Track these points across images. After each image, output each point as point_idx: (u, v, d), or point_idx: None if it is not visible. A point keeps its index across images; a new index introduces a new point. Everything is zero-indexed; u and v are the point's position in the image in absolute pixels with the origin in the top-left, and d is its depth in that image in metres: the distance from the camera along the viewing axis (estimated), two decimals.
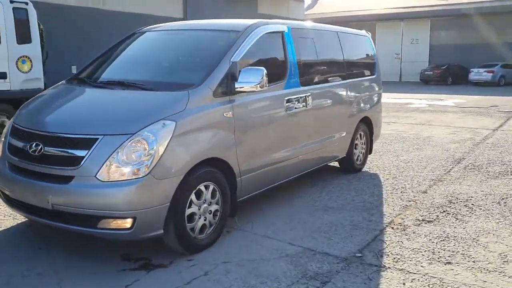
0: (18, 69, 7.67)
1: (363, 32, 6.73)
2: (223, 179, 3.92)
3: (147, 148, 3.30)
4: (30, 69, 7.83)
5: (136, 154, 3.29)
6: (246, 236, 4.13)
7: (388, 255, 3.76)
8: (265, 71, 3.95)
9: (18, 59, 7.67)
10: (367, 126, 6.51)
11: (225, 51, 4.07)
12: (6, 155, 3.77)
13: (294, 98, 4.72)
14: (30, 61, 7.84)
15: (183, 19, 15.66)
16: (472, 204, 5.02)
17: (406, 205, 5.00)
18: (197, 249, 3.71)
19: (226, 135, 3.89)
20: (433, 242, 4.02)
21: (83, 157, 3.30)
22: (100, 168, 3.25)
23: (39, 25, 8.14)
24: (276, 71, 4.65)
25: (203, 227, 3.76)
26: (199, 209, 3.69)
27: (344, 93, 5.77)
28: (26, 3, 7.83)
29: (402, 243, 4.00)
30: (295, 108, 4.74)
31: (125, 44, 4.87)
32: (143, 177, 3.26)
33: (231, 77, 3.92)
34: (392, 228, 4.36)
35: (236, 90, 3.94)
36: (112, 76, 4.31)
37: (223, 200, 3.93)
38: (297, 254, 3.76)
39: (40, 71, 7.99)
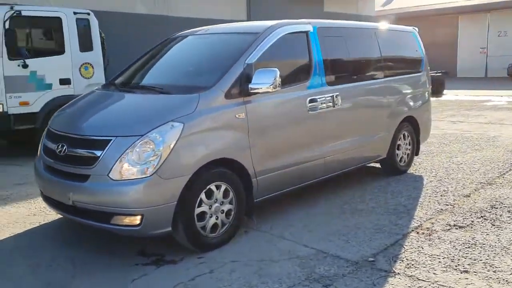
0: (81, 75, 8.26)
1: (408, 28, 6.45)
2: (237, 180, 3.98)
3: (154, 149, 3.46)
4: (92, 75, 8.40)
5: (144, 154, 3.45)
6: (262, 236, 4.15)
7: (402, 260, 3.61)
8: (278, 72, 3.96)
9: (81, 66, 8.26)
10: (413, 126, 6.23)
11: (240, 53, 4.13)
12: (42, 155, 4.12)
13: (319, 98, 4.66)
14: (92, 67, 8.41)
15: (247, 21, 15.88)
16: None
17: (442, 209, 4.73)
18: (208, 247, 3.80)
19: (239, 136, 3.94)
20: (456, 248, 3.78)
21: (98, 157, 3.53)
22: (112, 168, 3.45)
23: (100, 33, 8.71)
24: (298, 71, 4.64)
25: (215, 226, 3.84)
26: (210, 208, 3.78)
27: (381, 92, 5.58)
28: (88, 14, 8.41)
29: (422, 248, 3.81)
30: (320, 108, 4.67)
31: (157, 49, 5.09)
32: (149, 176, 3.42)
33: (246, 79, 3.97)
34: (417, 233, 4.16)
35: (250, 91, 3.98)
36: (138, 80, 4.55)
37: (237, 200, 3.99)
38: (308, 256, 3.73)
39: (101, 76, 8.54)
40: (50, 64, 7.95)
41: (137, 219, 3.45)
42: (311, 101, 4.59)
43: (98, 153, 3.55)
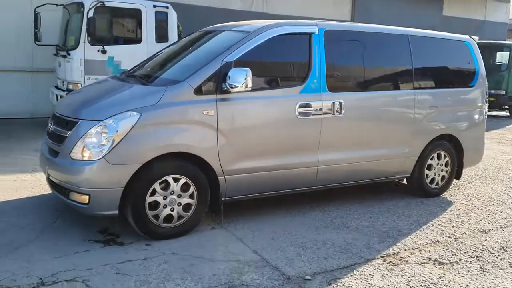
0: None
1: (462, 36, 5.76)
2: (201, 176, 4.02)
3: (107, 135, 3.66)
4: None
5: (98, 139, 3.68)
6: (223, 235, 4.13)
7: (337, 285, 3.33)
8: (248, 72, 3.90)
9: None
10: (453, 146, 5.59)
11: (221, 51, 4.13)
12: (45, 137, 4.56)
13: (314, 103, 4.45)
14: None
15: (351, 22, 15.43)
16: None
17: (438, 241, 4.22)
18: (159, 236, 3.90)
19: (205, 133, 3.96)
20: (408, 285, 3.37)
21: (66, 137, 3.85)
22: (73, 148, 3.74)
23: (178, 26, 9.25)
24: (291, 74, 4.48)
25: (170, 217, 3.93)
26: (164, 199, 3.88)
27: (405, 104, 5.10)
28: (167, 7, 8.99)
29: (372, 277, 3.47)
30: (315, 114, 4.46)
31: (177, 43, 5.31)
32: (97, 160, 3.63)
33: (223, 77, 3.97)
34: (385, 260, 3.78)
35: (223, 90, 3.97)
36: (141, 71, 4.76)
37: (199, 196, 4.02)
38: (248, 262, 3.63)
39: None
40: (127, 52, 8.67)
41: (85, 198, 3.69)
42: (303, 106, 4.40)
43: (67, 133, 3.86)
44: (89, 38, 8.26)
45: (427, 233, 4.39)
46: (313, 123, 4.49)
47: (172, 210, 3.94)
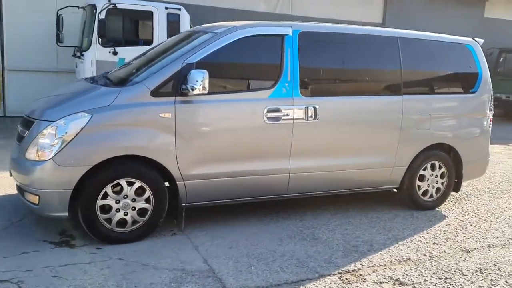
0: None
1: (463, 39, 5.35)
2: (159, 180, 3.92)
3: (56, 136, 3.63)
4: None
5: (49, 139, 3.65)
6: (179, 242, 4.00)
7: None
8: (205, 74, 3.76)
9: None
10: (450, 157, 5.20)
11: (184, 52, 4.03)
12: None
13: (285, 108, 4.25)
14: None
15: (382, 24, 14.92)
16: (506, 282, 3.58)
17: (410, 258, 3.91)
18: (113, 241, 3.84)
19: (162, 136, 3.86)
20: None
21: (24, 136, 3.86)
22: (27, 148, 3.74)
23: (190, 27, 9.23)
24: (260, 77, 4.31)
25: (124, 221, 3.86)
26: (117, 203, 3.80)
27: (392, 110, 4.79)
28: (179, 9, 9.00)
29: None
30: (285, 119, 4.26)
31: (160, 45, 5.25)
32: (46, 161, 3.61)
33: (183, 79, 3.86)
34: (340, 277, 3.53)
35: (183, 92, 3.86)
36: (118, 73, 4.68)
37: (156, 201, 3.92)
38: (193, 272, 3.49)
39: None
40: (138, 53, 8.72)
41: (36, 199, 3.68)
42: (272, 110, 4.21)
43: (26, 132, 3.87)
44: (100, 39, 8.39)
45: (401, 250, 4.08)
46: (283, 129, 4.28)
47: (126, 214, 3.86)
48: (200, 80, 3.75)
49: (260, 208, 4.84)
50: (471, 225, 4.81)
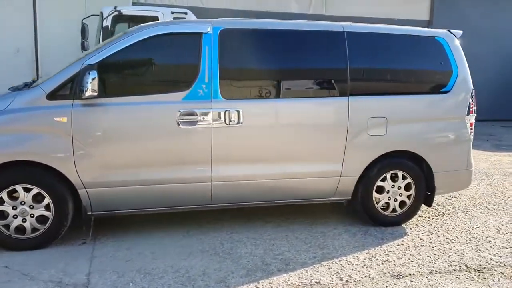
0: None
1: (435, 31, 4.65)
2: (59, 187, 3.79)
3: None
4: None
5: None
6: (77, 252, 3.83)
7: None
8: (93, 75, 3.58)
9: None
10: (418, 166, 4.55)
11: (88, 52, 3.87)
12: None
13: (201, 111, 3.94)
14: None
15: (429, 22, 13.79)
16: None
17: (319, 282, 3.41)
18: (12, 247, 3.77)
19: (57, 141, 3.72)
20: None
21: None
22: None
23: None
24: (172, 78, 4.05)
25: (23, 228, 3.77)
26: (14, 209, 3.73)
27: (335, 113, 4.27)
28: (185, 13, 8.91)
29: None
30: (201, 124, 3.94)
31: None
32: None
33: (81, 81, 3.70)
34: None
35: (82, 95, 3.70)
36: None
37: (57, 208, 3.80)
38: (66, 285, 3.31)
39: None
40: None
41: None
42: (186, 114, 3.92)
43: None
44: None
45: (317, 271, 3.59)
46: (201, 134, 3.97)
47: (24, 221, 3.76)
48: (89, 82, 3.57)
49: (198, 218, 4.56)
50: (429, 246, 4.15)
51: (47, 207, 3.79)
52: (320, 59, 4.33)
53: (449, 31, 4.68)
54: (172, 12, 8.85)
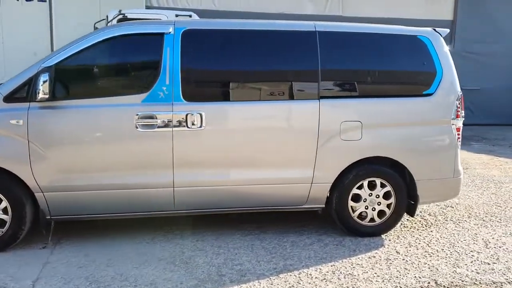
0: None
1: (417, 30, 4.34)
2: (16, 190, 3.76)
3: None
4: None
5: None
6: (32, 257, 3.77)
7: None
8: (44, 79, 3.52)
9: None
10: (399, 173, 4.28)
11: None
12: None
13: (160, 114, 3.82)
14: None
15: (452, 22, 13.18)
16: None
17: None
18: None
19: (14, 144, 3.69)
20: None
21: None
22: None
23: None
24: (131, 80, 3.96)
25: None
26: None
27: (304, 116, 4.06)
28: (190, 16, 8.86)
29: None
30: (161, 127, 3.82)
31: None
32: None
33: (35, 83, 3.65)
34: None
35: (38, 97, 3.65)
36: None
37: (15, 212, 3.76)
38: None
39: None
40: None
41: None
42: (144, 117, 3.81)
43: None
44: None
45: (271, 284, 3.39)
46: (161, 138, 3.85)
47: None
48: (40, 85, 3.52)
49: (169, 224, 4.45)
50: (403, 259, 3.87)
51: (5, 211, 3.77)
52: (289, 60, 4.13)
53: (434, 30, 4.38)
54: (177, 15, 8.83)
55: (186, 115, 3.85)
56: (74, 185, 3.81)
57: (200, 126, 3.88)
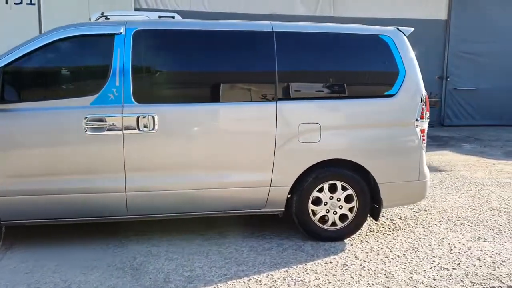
0: None
1: (379, 29, 4.23)
2: None
3: None
4: None
5: None
6: None
7: None
8: None
9: None
10: (364, 176, 4.16)
11: None
12: None
13: (110, 117, 3.74)
14: None
15: (446, 22, 12.98)
16: None
17: None
18: None
19: None
20: None
21: None
22: None
23: None
24: (80, 82, 3.88)
25: None
26: None
27: (260, 118, 3.97)
28: (173, 17, 8.79)
29: None
30: (111, 130, 3.74)
31: None
32: None
33: None
34: None
35: None
36: None
37: None
38: None
39: None
40: None
41: None
42: (93, 119, 3.73)
43: None
44: None
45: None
46: (111, 141, 3.77)
47: None
48: None
49: (127, 230, 4.36)
50: (360, 265, 3.75)
51: None
52: (245, 61, 4.04)
53: (397, 29, 4.26)
54: (160, 17, 8.77)
55: (138, 118, 3.77)
56: (23, 190, 3.73)
57: (153, 129, 3.79)
